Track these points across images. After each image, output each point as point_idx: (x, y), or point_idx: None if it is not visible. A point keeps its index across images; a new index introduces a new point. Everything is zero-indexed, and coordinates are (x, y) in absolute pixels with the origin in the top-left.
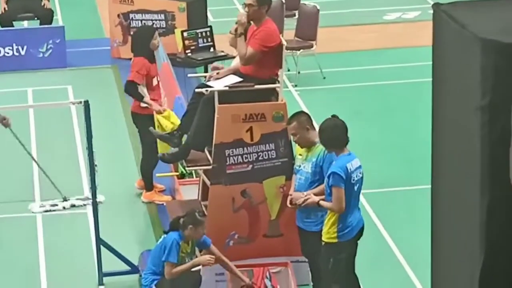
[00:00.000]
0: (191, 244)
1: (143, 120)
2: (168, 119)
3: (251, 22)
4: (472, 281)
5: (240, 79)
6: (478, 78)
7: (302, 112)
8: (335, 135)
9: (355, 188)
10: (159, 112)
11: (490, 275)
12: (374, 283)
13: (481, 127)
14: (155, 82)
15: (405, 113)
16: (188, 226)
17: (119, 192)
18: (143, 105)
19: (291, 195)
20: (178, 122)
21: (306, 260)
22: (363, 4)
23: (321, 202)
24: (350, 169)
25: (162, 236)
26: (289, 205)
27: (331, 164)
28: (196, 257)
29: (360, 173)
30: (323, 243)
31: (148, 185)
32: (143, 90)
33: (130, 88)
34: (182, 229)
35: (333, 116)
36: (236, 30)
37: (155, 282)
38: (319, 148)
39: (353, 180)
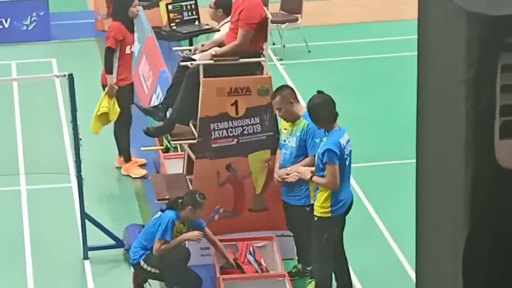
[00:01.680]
0: (186, 225)
1: (120, 94)
2: (110, 104)
3: None
4: (456, 254)
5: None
6: (463, 51)
7: (285, 86)
8: (326, 112)
9: (347, 162)
10: (111, 96)
11: (474, 249)
12: (359, 256)
13: (465, 100)
14: (128, 50)
15: (390, 87)
16: (187, 207)
17: (103, 166)
18: (108, 78)
19: (276, 173)
20: (115, 110)
21: (291, 234)
22: None
23: (314, 179)
24: (342, 145)
25: (158, 213)
26: (276, 183)
27: (314, 138)
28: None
29: (349, 146)
30: (315, 218)
31: (127, 156)
32: (115, 61)
33: (107, 55)
34: (180, 210)
35: (319, 92)
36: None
37: (144, 256)
38: (303, 122)
39: (345, 154)
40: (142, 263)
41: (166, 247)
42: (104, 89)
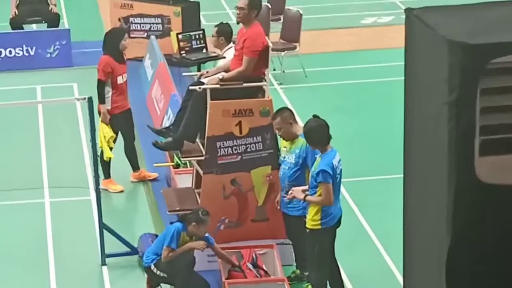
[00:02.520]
0: (194, 239)
1: (114, 121)
2: (105, 130)
3: (241, 23)
4: (440, 263)
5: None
6: (446, 76)
7: (285, 108)
8: (320, 135)
9: (337, 180)
10: (106, 123)
11: (456, 258)
12: (352, 264)
13: (448, 121)
14: (120, 80)
15: (380, 108)
16: (192, 223)
17: (119, 180)
18: (101, 107)
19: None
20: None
21: (290, 242)
22: (342, 10)
23: (308, 198)
24: (335, 165)
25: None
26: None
27: (313, 155)
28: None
29: (340, 166)
30: (307, 230)
31: (107, 173)
32: (108, 89)
33: (99, 87)
34: (187, 224)
35: (315, 116)
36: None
37: (154, 261)
38: (301, 141)
39: (337, 174)
40: (152, 267)
41: (173, 255)
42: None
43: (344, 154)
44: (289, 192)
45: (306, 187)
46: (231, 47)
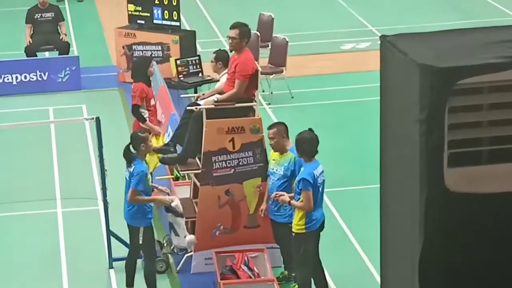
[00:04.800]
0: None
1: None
2: (159, 140)
3: (233, 51)
4: (413, 263)
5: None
6: (417, 96)
7: (282, 123)
8: (311, 146)
9: (320, 189)
10: (157, 134)
11: (428, 259)
12: (334, 264)
13: (419, 137)
14: (152, 102)
15: (358, 125)
16: (140, 146)
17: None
18: (143, 126)
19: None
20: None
21: (278, 246)
22: (324, 37)
23: (292, 202)
24: (316, 175)
25: (126, 169)
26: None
27: (300, 168)
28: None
29: (323, 176)
30: (293, 233)
31: None
32: (144, 111)
33: (135, 111)
34: (137, 155)
35: (310, 129)
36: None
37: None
38: (290, 155)
39: (318, 183)
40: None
41: (139, 199)
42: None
43: (327, 166)
44: (279, 194)
45: (292, 194)
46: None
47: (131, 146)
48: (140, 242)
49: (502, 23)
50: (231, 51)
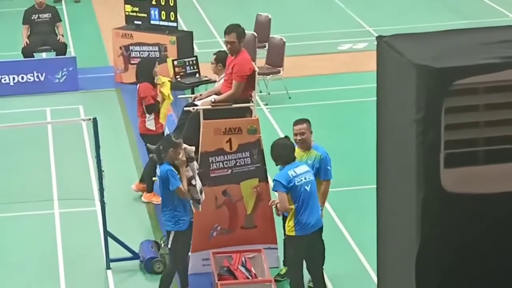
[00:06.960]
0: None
1: (150, 139)
2: (167, 87)
3: (233, 55)
4: (410, 264)
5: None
6: (414, 97)
7: (307, 119)
8: (283, 153)
9: (302, 189)
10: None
11: (425, 259)
12: (333, 265)
13: (416, 137)
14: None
15: (355, 126)
16: (169, 150)
17: (122, 193)
18: (148, 126)
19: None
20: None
21: (276, 247)
22: (321, 37)
23: (275, 202)
24: (292, 175)
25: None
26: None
27: (327, 166)
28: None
29: (308, 176)
30: (285, 235)
31: (149, 188)
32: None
33: (153, 109)
34: (165, 158)
35: (286, 136)
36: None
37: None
38: (315, 153)
39: (297, 182)
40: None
41: (184, 190)
42: (143, 138)
43: None
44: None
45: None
46: None
47: (160, 151)
48: (169, 246)
49: (499, 23)
50: (232, 55)
